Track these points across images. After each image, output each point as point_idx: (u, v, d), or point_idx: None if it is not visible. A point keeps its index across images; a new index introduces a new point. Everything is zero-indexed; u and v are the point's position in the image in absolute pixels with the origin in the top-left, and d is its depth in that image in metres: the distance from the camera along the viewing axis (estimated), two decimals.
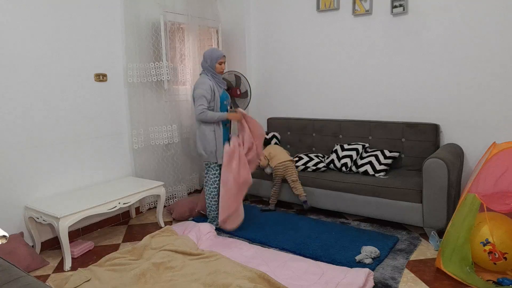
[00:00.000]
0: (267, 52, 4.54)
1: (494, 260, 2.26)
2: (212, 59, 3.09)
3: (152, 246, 2.80)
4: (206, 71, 3.15)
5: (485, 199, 2.26)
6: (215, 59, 3.09)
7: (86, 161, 3.32)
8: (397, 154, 3.50)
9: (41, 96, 2.97)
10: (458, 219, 2.38)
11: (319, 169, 3.61)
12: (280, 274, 2.42)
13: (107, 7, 3.39)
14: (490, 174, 2.40)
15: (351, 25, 3.90)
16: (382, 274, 2.46)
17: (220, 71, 3.15)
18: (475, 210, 2.30)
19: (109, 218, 3.53)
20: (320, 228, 3.20)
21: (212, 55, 3.09)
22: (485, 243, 2.29)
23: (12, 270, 1.41)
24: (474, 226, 2.34)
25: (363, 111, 3.94)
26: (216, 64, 3.10)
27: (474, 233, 2.35)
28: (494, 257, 2.26)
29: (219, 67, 3.12)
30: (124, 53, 3.55)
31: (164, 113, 3.90)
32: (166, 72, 3.77)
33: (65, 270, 2.70)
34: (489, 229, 2.29)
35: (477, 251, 2.33)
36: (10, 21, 2.75)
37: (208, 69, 3.12)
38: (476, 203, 2.30)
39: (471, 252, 2.33)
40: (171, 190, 4.05)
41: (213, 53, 3.11)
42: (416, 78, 3.60)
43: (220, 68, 3.14)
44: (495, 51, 3.20)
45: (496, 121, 3.25)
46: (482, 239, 2.31)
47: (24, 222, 2.91)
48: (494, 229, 2.29)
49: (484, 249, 2.29)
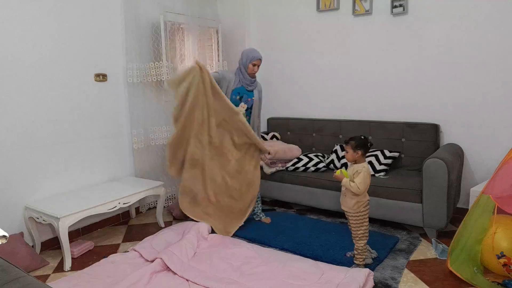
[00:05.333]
0: (267, 52, 4.53)
1: (509, 271, 2.24)
2: (248, 58, 3.08)
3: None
4: (238, 69, 3.14)
5: (500, 201, 2.23)
6: (250, 59, 3.07)
7: (86, 161, 3.32)
8: (397, 154, 3.50)
9: (41, 96, 2.97)
10: (471, 220, 2.36)
11: (319, 169, 3.61)
12: (280, 274, 2.42)
13: (107, 7, 3.39)
14: (506, 176, 2.33)
15: (351, 25, 3.90)
16: (382, 274, 2.46)
17: (251, 72, 3.13)
18: (489, 212, 2.29)
19: (109, 218, 3.53)
20: (320, 228, 3.20)
21: (249, 55, 3.09)
22: (500, 256, 2.25)
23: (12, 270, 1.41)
24: (487, 229, 2.31)
25: (363, 111, 3.94)
26: (249, 64, 3.08)
27: (488, 241, 2.30)
28: (508, 269, 2.23)
29: (251, 68, 3.10)
30: (124, 53, 3.55)
31: (164, 113, 3.89)
32: (166, 72, 3.77)
33: (65, 270, 2.70)
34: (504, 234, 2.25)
35: (493, 263, 2.30)
36: (10, 21, 2.75)
37: (241, 66, 3.12)
38: (490, 204, 2.28)
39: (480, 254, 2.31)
40: (171, 190, 4.05)
41: (251, 52, 3.11)
42: (416, 78, 3.60)
43: (252, 70, 3.11)
44: (495, 51, 3.20)
45: (496, 121, 3.25)
46: (497, 251, 2.26)
47: (24, 222, 2.91)
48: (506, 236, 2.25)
49: (499, 261, 2.26)
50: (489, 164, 3.29)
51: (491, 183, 2.37)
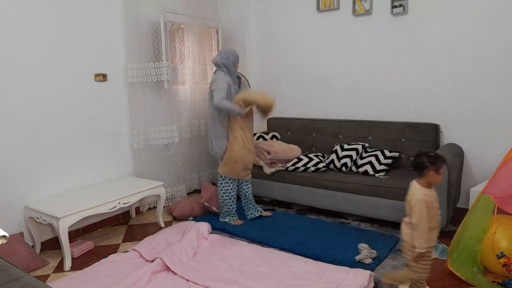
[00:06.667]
0: (267, 52, 4.54)
1: (509, 271, 2.24)
2: (235, 57, 3.30)
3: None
4: (223, 67, 3.26)
5: (500, 201, 2.23)
6: (238, 58, 3.33)
7: (86, 161, 3.32)
8: (397, 154, 3.50)
9: (41, 96, 2.97)
10: (471, 220, 2.36)
11: (319, 169, 3.61)
12: (280, 274, 2.42)
13: (107, 7, 3.39)
14: (507, 176, 2.32)
15: (351, 25, 3.90)
16: (382, 274, 2.46)
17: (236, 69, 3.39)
18: (489, 212, 2.29)
19: (109, 218, 3.53)
20: (320, 228, 3.20)
21: (235, 54, 3.32)
22: (500, 256, 2.25)
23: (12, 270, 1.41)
24: (487, 229, 2.31)
25: (363, 111, 3.94)
26: (237, 63, 3.34)
27: (488, 241, 2.30)
28: (508, 269, 2.23)
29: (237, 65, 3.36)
30: (124, 53, 3.55)
31: (164, 113, 3.90)
32: (166, 72, 3.77)
33: (65, 270, 2.70)
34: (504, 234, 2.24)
35: (493, 263, 2.30)
36: (10, 21, 2.75)
37: (229, 66, 3.27)
38: (490, 204, 2.28)
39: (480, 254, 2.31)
40: (171, 190, 4.05)
41: (236, 52, 3.35)
42: (416, 78, 3.60)
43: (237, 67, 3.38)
44: (495, 51, 3.20)
45: (496, 121, 3.26)
46: (497, 251, 2.25)
47: (24, 222, 2.91)
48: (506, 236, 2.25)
49: (499, 261, 2.25)
50: (489, 164, 3.29)
51: (491, 183, 2.37)
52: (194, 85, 4.16)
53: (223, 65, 3.26)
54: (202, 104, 4.29)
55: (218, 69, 3.30)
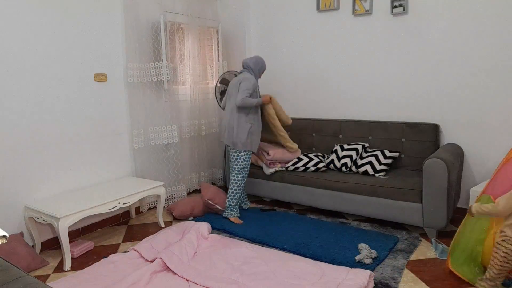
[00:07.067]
0: (267, 52, 4.54)
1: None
2: (263, 67, 3.53)
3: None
4: (251, 71, 3.45)
5: None
6: (263, 69, 3.55)
7: (86, 161, 3.32)
8: (397, 154, 3.50)
9: (41, 96, 2.97)
10: (471, 220, 2.36)
11: (319, 169, 3.61)
12: (280, 274, 2.42)
13: (107, 7, 3.39)
14: (506, 176, 2.33)
15: (351, 25, 3.90)
16: (382, 274, 2.46)
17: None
18: None
19: (109, 218, 3.53)
20: (320, 228, 3.20)
21: (264, 65, 3.54)
22: None
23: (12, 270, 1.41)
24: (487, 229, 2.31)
25: (363, 111, 3.94)
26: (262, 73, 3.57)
27: (489, 242, 2.29)
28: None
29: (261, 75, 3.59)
30: (124, 53, 3.55)
31: (164, 113, 3.90)
32: (166, 72, 3.77)
33: (65, 270, 2.70)
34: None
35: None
36: (10, 22, 2.75)
37: (255, 71, 3.46)
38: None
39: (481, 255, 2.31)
40: (171, 190, 4.05)
41: (265, 64, 3.57)
42: (416, 78, 3.60)
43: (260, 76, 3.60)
44: (495, 51, 3.20)
45: (496, 121, 3.25)
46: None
47: (24, 222, 2.91)
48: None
49: None
50: (489, 164, 3.29)
51: (491, 183, 2.37)
52: (194, 85, 4.17)
53: (251, 69, 3.44)
54: (202, 104, 4.29)
55: (245, 70, 3.47)
